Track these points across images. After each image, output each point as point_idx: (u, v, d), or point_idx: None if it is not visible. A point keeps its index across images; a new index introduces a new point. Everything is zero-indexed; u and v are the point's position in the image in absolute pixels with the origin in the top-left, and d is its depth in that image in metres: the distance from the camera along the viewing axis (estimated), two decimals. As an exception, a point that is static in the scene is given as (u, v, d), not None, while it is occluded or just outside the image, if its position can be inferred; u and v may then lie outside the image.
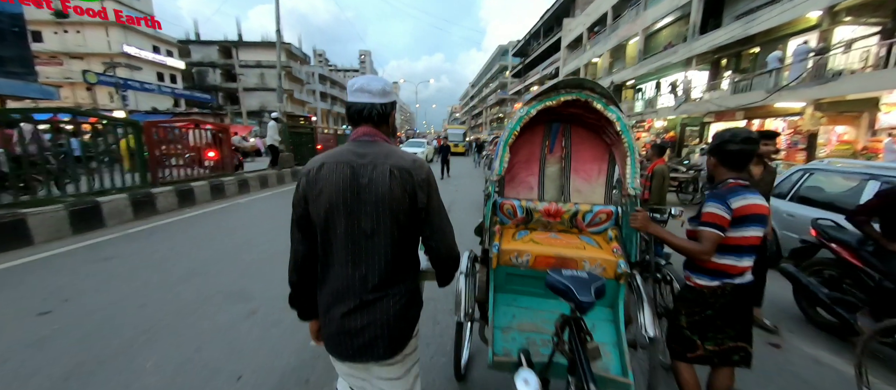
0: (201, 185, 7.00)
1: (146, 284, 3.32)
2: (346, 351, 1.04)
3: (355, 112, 1.08)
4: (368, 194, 0.99)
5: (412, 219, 1.05)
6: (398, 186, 1.00)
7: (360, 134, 1.08)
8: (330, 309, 1.05)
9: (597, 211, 1.99)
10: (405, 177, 1.01)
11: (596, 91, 1.90)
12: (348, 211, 1.00)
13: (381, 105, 1.07)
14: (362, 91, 1.06)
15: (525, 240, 1.96)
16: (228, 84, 39.86)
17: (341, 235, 1.01)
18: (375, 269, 1.02)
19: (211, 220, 5.85)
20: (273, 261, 4.06)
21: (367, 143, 1.06)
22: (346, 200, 0.99)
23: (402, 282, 1.07)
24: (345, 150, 1.05)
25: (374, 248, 1.01)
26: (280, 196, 8.40)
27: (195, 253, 4.24)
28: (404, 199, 1.01)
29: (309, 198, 1.03)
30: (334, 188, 0.99)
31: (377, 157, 1.02)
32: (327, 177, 1.01)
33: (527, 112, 1.96)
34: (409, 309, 1.08)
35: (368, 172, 1.00)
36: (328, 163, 1.02)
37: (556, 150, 2.30)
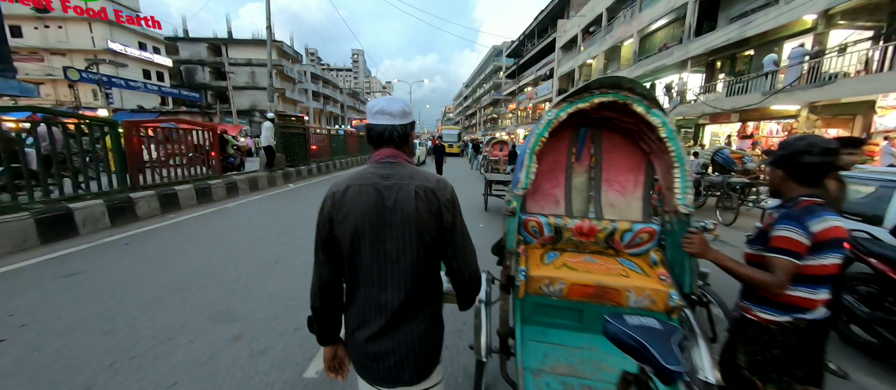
0: (186, 189, 6.60)
1: (117, 304, 2.97)
2: (373, 375, 1.04)
3: (376, 134, 1.08)
4: (394, 216, 0.99)
5: (438, 240, 1.04)
6: (424, 207, 1.00)
7: (382, 155, 1.07)
8: (355, 333, 1.05)
9: (638, 230, 1.73)
10: (430, 197, 1.01)
11: (636, 92, 1.64)
12: (374, 234, 0.99)
13: (401, 126, 1.08)
14: (382, 113, 1.06)
15: (556, 264, 1.68)
16: (218, 82, 39.03)
17: (367, 259, 1.01)
18: (402, 292, 1.01)
19: (195, 227, 5.47)
20: (262, 274, 3.73)
21: (390, 165, 1.05)
22: (372, 223, 0.99)
23: (427, 304, 1.06)
24: (369, 172, 1.05)
25: (401, 271, 1.01)
26: (271, 200, 8.02)
27: (175, 265, 3.88)
28: (430, 220, 1.01)
29: (334, 221, 1.02)
30: (360, 211, 0.99)
31: (401, 179, 1.02)
32: (353, 200, 1.00)
33: (556, 115, 1.69)
34: (434, 330, 1.08)
35: (394, 194, 1.00)
36: (353, 186, 1.02)
37: (583, 159, 2.04)
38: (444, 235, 1.04)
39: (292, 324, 2.80)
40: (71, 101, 26.45)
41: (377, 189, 1.01)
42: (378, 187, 1.01)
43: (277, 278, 3.65)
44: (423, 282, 1.05)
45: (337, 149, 16.89)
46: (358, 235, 0.99)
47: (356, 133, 22.96)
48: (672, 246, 1.64)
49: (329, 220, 1.03)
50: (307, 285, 3.19)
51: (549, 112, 1.72)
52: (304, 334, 2.66)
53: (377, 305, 1.01)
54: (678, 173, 1.56)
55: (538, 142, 1.68)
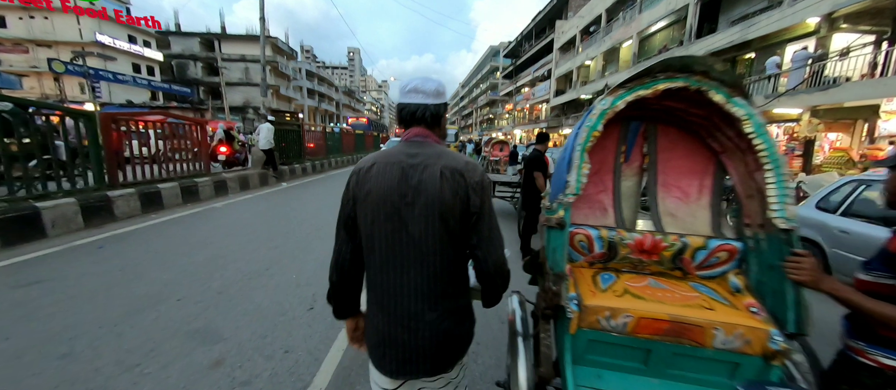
0: (170, 187, 6.16)
1: (79, 321, 2.58)
2: (388, 365, 1.00)
3: (408, 113, 1.04)
4: (418, 197, 0.95)
5: (463, 226, 0.98)
6: (449, 189, 0.95)
7: (411, 134, 1.04)
8: (374, 319, 1.02)
9: (714, 247, 1.40)
10: (457, 179, 0.96)
11: (711, 75, 1.31)
12: (396, 214, 0.95)
13: (434, 106, 1.04)
14: (416, 92, 1.02)
15: (616, 289, 1.35)
16: (211, 78, 38.24)
17: (388, 239, 0.97)
18: (423, 279, 0.97)
19: (178, 229, 5.06)
20: (249, 284, 3.36)
21: (418, 144, 1.02)
22: (394, 203, 0.95)
23: (452, 296, 1.01)
24: (396, 151, 1.01)
25: (423, 256, 0.96)
26: (262, 199, 7.60)
27: (152, 272, 3.48)
28: (455, 204, 0.95)
29: (357, 198, 0.99)
30: (383, 189, 0.96)
31: (428, 158, 0.98)
32: (376, 177, 0.97)
33: (611, 104, 1.36)
34: (460, 326, 1.03)
35: (418, 173, 0.96)
36: (379, 163, 0.99)
37: (633, 158, 1.71)
38: (470, 221, 0.98)
39: (282, 345, 2.44)
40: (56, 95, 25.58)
41: (402, 168, 0.96)
42: (403, 166, 0.96)
43: (267, 288, 3.28)
44: (448, 271, 0.99)
45: (332, 147, 16.47)
46: (378, 214, 0.96)
47: (352, 131, 22.53)
48: (760, 268, 1.32)
49: (352, 197, 1.00)
50: (300, 298, 2.77)
51: (602, 100, 1.38)
52: (297, 358, 2.31)
53: (396, 289, 0.97)
54: (772, 177, 1.23)
55: (590, 136, 1.35)
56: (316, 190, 9.27)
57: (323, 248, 4.51)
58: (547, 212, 1.51)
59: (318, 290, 3.30)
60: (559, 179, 1.44)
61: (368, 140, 24.95)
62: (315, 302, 3.06)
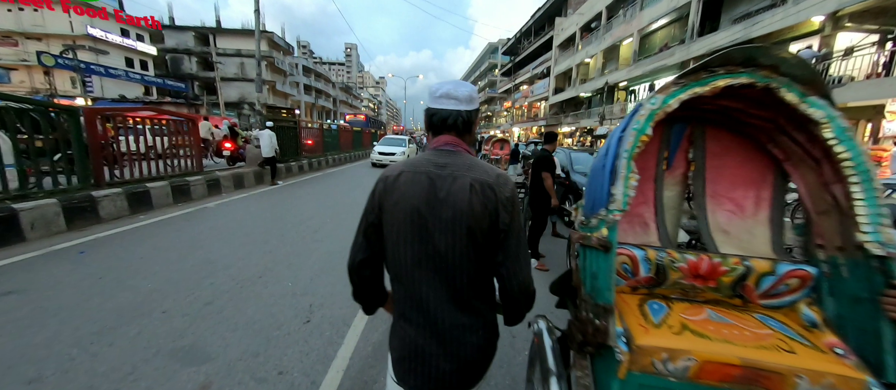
0: (160, 186, 5.89)
1: (52, 337, 2.35)
2: (412, 380, 0.96)
3: (439, 120, 0.99)
4: (446, 209, 0.91)
5: (491, 241, 0.94)
6: (479, 202, 0.91)
7: (441, 143, 0.99)
8: (399, 330, 1.00)
9: (784, 273, 1.19)
10: (487, 192, 0.91)
11: (781, 71, 1.11)
12: (423, 226, 0.92)
13: (466, 112, 0.99)
14: (448, 97, 0.98)
15: (672, 324, 1.14)
16: (206, 73, 37.69)
17: (413, 251, 0.93)
18: (452, 293, 0.93)
19: (168, 232, 4.81)
20: (241, 293, 3.13)
21: (448, 153, 0.97)
22: (422, 214, 0.92)
23: (477, 310, 0.97)
24: (424, 159, 0.97)
25: (449, 270, 0.92)
26: (257, 199, 7.35)
27: (136, 281, 3.25)
28: (484, 218, 0.91)
29: (384, 206, 0.96)
30: (410, 199, 0.93)
31: (458, 169, 0.94)
32: (404, 186, 0.94)
33: (662, 104, 1.15)
34: (486, 339, 0.99)
35: (447, 185, 0.92)
36: (407, 172, 0.96)
37: (677, 165, 1.50)
38: (498, 237, 0.94)
39: (276, 365, 2.22)
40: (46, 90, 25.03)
41: (430, 178, 0.93)
42: (431, 176, 0.94)
43: (260, 298, 3.06)
44: (475, 286, 0.96)
45: (329, 144, 16.18)
46: (405, 225, 0.93)
47: (349, 128, 22.22)
48: (839, 300, 1.12)
49: (379, 206, 0.98)
50: (296, 309, 2.54)
51: (652, 99, 1.17)
52: (292, 381, 2.10)
53: (422, 303, 0.94)
54: (860, 192, 1.03)
55: (638, 141, 1.14)
56: (313, 188, 9.02)
57: (320, 252, 4.29)
58: (581, 228, 1.30)
59: (315, 300, 3.08)
60: (598, 191, 1.23)
61: (366, 137, 24.65)
62: (312, 314, 2.85)
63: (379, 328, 2.72)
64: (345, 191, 8.79)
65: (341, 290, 3.31)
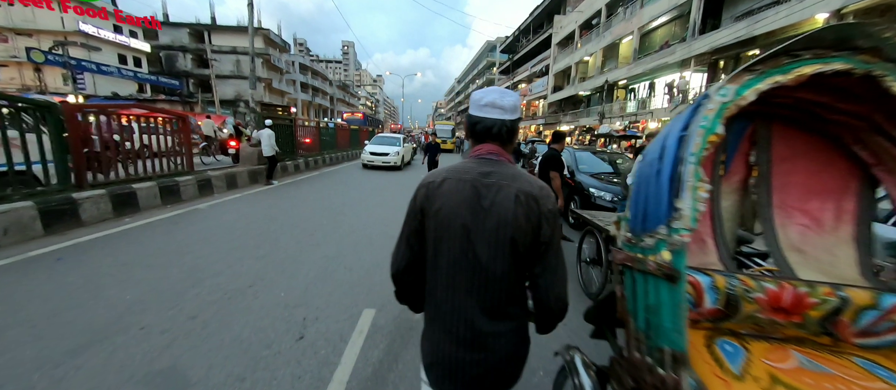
0: (148, 187, 5.61)
1: (13, 360, 2.10)
2: (447, 386, 0.98)
3: (483, 129, 0.99)
4: (490, 218, 0.91)
5: (531, 253, 0.94)
6: (523, 214, 0.90)
7: (484, 151, 0.99)
8: (434, 337, 0.99)
9: (890, 307, 0.97)
10: (531, 204, 0.91)
11: (884, 55, 0.90)
12: (465, 234, 0.92)
13: (510, 122, 0.99)
14: (494, 106, 0.98)
15: (756, 373, 0.91)
16: (201, 70, 37.16)
17: (454, 259, 0.93)
18: (489, 301, 0.93)
19: (154, 236, 4.55)
20: (229, 305, 2.89)
21: (491, 162, 0.97)
22: (465, 223, 0.92)
23: (515, 318, 0.98)
24: (468, 167, 0.97)
25: (489, 278, 0.92)
26: (251, 200, 7.08)
27: (115, 292, 2.99)
28: (528, 229, 0.91)
29: (426, 212, 0.97)
30: (454, 207, 0.93)
31: (502, 179, 0.94)
32: (448, 193, 0.94)
33: (734, 95, 0.93)
34: (520, 348, 0.99)
35: (492, 194, 0.92)
36: (450, 179, 0.96)
37: (735, 169, 1.28)
38: (538, 249, 0.94)
39: (266, 391, 1.98)
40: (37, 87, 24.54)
41: (475, 186, 0.93)
42: (476, 185, 0.93)
43: (249, 311, 2.81)
44: (513, 294, 0.96)
45: (327, 142, 15.90)
46: (447, 232, 0.93)
47: (346, 126, 21.93)
48: None
49: (421, 211, 0.98)
50: (289, 324, 2.28)
51: (722, 90, 0.95)
52: (282, 412, 1.86)
53: (459, 310, 0.94)
54: None
55: (707, 142, 0.91)
56: (309, 188, 8.76)
57: (316, 257, 4.04)
58: (629, 247, 1.07)
59: (309, 312, 2.85)
60: (652, 203, 1.00)
61: (364, 135, 24.35)
62: (306, 329, 2.61)
63: (379, 344, 2.49)
64: (342, 191, 8.53)
65: (338, 300, 3.08)
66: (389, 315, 2.90)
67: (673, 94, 18.74)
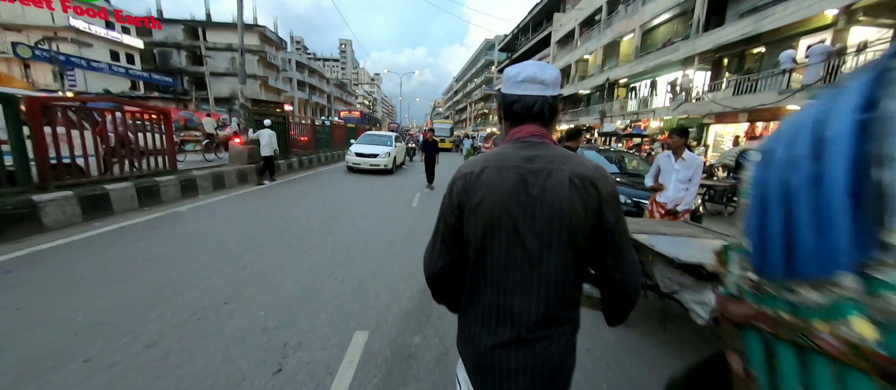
0: (123, 188, 5.16)
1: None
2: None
3: (523, 108, 0.87)
4: (540, 208, 0.81)
5: (593, 243, 0.84)
6: (580, 200, 0.80)
7: (525, 133, 0.88)
8: (477, 339, 0.89)
9: None
10: (589, 188, 0.81)
11: None
12: (513, 227, 0.82)
13: (552, 98, 0.87)
14: (533, 81, 0.86)
15: None
16: (195, 67, 36.58)
17: (500, 256, 0.84)
18: (540, 301, 0.83)
19: (126, 242, 4.12)
20: (199, 329, 2.47)
21: (536, 145, 0.86)
22: (512, 215, 0.82)
23: (568, 321, 0.87)
24: (509, 153, 0.87)
25: (541, 276, 0.82)
26: (238, 202, 6.66)
27: (67, 312, 2.57)
28: (587, 218, 0.81)
29: (464, 207, 0.87)
30: (498, 199, 0.83)
31: (551, 163, 0.83)
32: (489, 184, 0.84)
33: None
34: (569, 355, 0.89)
35: (541, 180, 0.81)
36: (490, 167, 0.85)
37: None
38: (604, 238, 0.83)
39: (228, 447, 1.58)
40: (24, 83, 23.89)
41: (520, 173, 0.83)
42: (521, 171, 0.83)
43: (221, 335, 2.40)
44: (567, 293, 0.85)
45: (322, 141, 15.47)
46: (492, 227, 0.83)
47: (343, 124, 21.51)
48: None
49: (458, 206, 0.88)
50: (267, 351, 1.85)
51: None
52: None
53: (507, 313, 0.84)
54: None
55: None
56: (302, 189, 8.33)
57: (304, 267, 3.64)
58: (760, 300, 0.67)
59: (291, 336, 2.44)
60: (809, 227, 0.60)
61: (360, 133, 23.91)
62: (285, 358, 2.21)
63: (372, 379, 2.09)
64: (337, 192, 8.10)
65: (326, 320, 2.67)
66: (385, 338, 2.50)
67: (676, 92, 18.40)
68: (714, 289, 2.26)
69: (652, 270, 2.63)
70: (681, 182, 3.72)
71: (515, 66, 0.87)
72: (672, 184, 3.74)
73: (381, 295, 3.17)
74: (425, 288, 3.54)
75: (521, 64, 0.89)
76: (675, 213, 3.75)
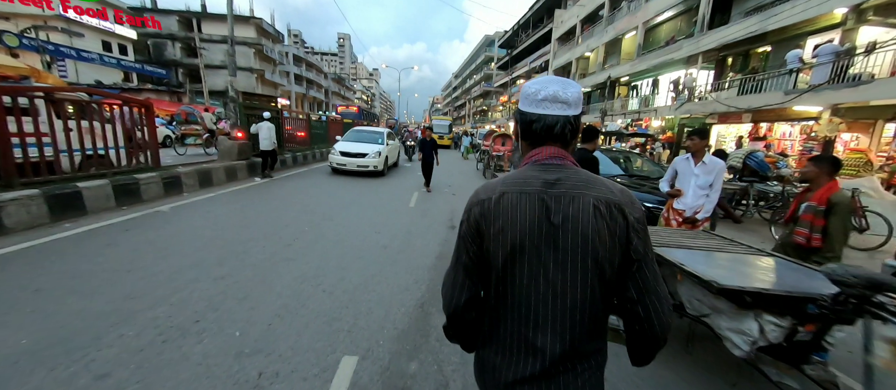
0: (98, 186, 4.80)
1: None
2: None
3: (543, 128, 0.82)
4: (563, 236, 0.76)
5: (621, 274, 0.78)
6: (606, 228, 0.75)
7: (545, 156, 0.83)
8: (497, 371, 0.83)
9: None
10: (615, 214, 0.76)
11: None
12: (535, 258, 0.77)
13: (574, 118, 0.83)
14: (555, 101, 0.81)
15: None
16: (190, 60, 35.92)
17: (522, 286, 0.79)
18: (564, 337, 0.78)
19: (93, 247, 3.77)
20: (162, 355, 2.15)
21: (556, 167, 0.81)
22: (534, 244, 0.77)
23: (594, 354, 0.81)
24: (529, 176, 0.82)
25: (566, 309, 0.77)
26: (225, 200, 6.31)
27: (6, 335, 2.24)
28: (614, 247, 0.76)
29: (483, 235, 0.82)
30: (519, 227, 0.78)
31: (573, 187, 0.78)
32: (510, 211, 0.79)
33: None
34: (597, 385, 0.83)
35: (564, 207, 0.76)
36: (510, 193, 0.80)
37: None
38: (630, 268, 0.77)
39: None
40: (13, 73, 23.26)
41: (541, 199, 0.78)
42: (542, 197, 0.78)
43: (187, 363, 2.09)
44: (593, 325, 0.79)
45: (318, 136, 15.08)
46: (513, 256, 0.78)
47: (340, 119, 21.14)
48: None
49: (477, 234, 0.83)
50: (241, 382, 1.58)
51: None
52: None
53: (529, 347, 0.79)
54: None
55: None
56: (296, 187, 7.97)
57: (289, 277, 3.32)
58: None
59: (268, 364, 2.13)
60: None
61: (358, 130, 23.54)
62: None
63: (359, 422, 1.77)
64: (331, 190, 7.75)
65: (309, 342, 2.36)
66: (376, 365, 2.20)
67: (678, 91, 18.13)
68: (758, 317, 1.98)
69: (675, 288, 2.34)
70: (701, 188, 3.42)
71: (535, 82, 0.82)
72: (691, 189, 3.45)
73: (374, 310, 2.86)
74: (422, 302, 3.25)
75: (541, 80, 0.83)
76: (693, 221, 3.46)
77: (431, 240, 4.73)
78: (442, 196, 8.16)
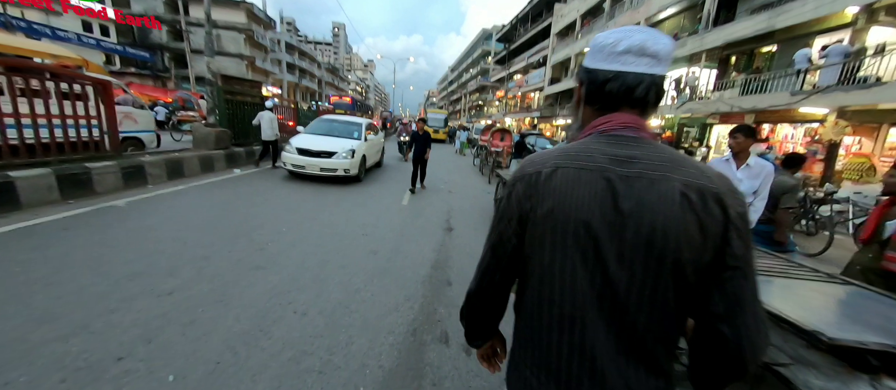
0: (37, 176, 4.08)
1: None
2: None
3: (622, 88, 0.64)
4: (633, 228, 0.58)
5: (705, 281, 0.59)
6: (695, 221, 0.57)
7: (617, 124, 0.64)
8: (533, 380, 0.68)
9: None
10: (711, 207, 0.57)
11: None
12: (593, 248, 0.60)
13: (661, 78, 0.65)
14: (641, 53, 0.62)
15: None
16: (177, 43, 34.55)
17: (573, 287, 0.62)
18: (626, 344, 0.61)
19: (21, 250, 3.12)
20: (51, 415, 1.56)
21: (631, 141, 0.63)
22: (593, 231, 0.60)
23: (658, 374, 0.62)
24: (592, 149, 0.63)
25: (629, 313, 0.60)
26: (193, 194, 5.65)
27: None
28: (704, 245, 0.57)
29: (526, 218, 0.65)
30: (574, 209, 0.60)
31: (653, 167, 0.60)
32: (563, 190, 0.61)
33: None
34: None
35: (638, 191, 0.59)
36: (565, 168, 0.63)
37: None
38: (721, 275, 0.58)
39: None
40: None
41: (608, 179, 0.60)
42: (610, 177, 0.60)
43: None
44: (662, 342, 0.61)
45: (307, 127, 14.34)
46: (564, 248, 0.61)
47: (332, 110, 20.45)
48: None
49: (519, 217, 0.66)
50: None
51: None
52: None
53: (578, 362, 0.62)
54: None
55: None
56: (277, 180, 7.29)
57: (256, 291, 2.72)
58: None
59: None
60: None
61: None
62: None
63: None
64: (317, 186, 7.09)
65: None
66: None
67: (680, 89, 17.76)
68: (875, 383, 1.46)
69: None
70: (745, 194, 2.91)
71: (612, 32, 0.64)
72: None
73: (354, 340, 2.30)
74: (415, 327, 2.64)
75: (620, 30, 0.64)
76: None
77: (426, 245, 4.17)
78: (438, 194, 7.58)
